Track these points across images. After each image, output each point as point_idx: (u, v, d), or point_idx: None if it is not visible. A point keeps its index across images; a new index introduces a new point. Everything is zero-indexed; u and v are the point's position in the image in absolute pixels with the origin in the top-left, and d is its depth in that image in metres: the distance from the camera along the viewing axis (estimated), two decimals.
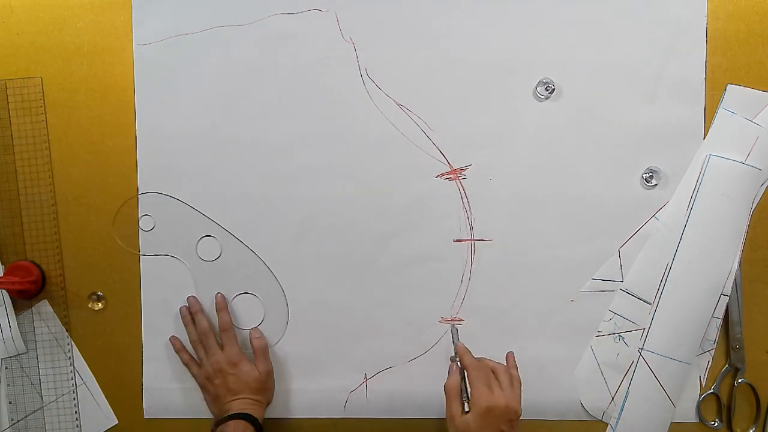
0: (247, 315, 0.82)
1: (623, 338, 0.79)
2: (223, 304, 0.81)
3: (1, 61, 0.82)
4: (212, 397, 0.79)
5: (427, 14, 0.80)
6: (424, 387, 0.81)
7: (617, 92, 0.79)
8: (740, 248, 0.78)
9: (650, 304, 0.79)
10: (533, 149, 0.80)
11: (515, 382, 0.72)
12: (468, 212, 0.81)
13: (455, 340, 0.77)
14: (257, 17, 0.81)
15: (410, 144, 0.81)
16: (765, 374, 0.80)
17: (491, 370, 0.72)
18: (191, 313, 0.81)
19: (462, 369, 0.73)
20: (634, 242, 0.80)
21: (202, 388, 0.80)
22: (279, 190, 0.81)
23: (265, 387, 0.79)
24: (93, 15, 0.82)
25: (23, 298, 0.81)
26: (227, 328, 0.80)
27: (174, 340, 0.82)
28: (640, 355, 0.79)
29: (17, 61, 0.82)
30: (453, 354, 0.76)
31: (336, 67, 0.81)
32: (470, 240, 0.81)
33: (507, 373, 0.72)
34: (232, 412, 0.75)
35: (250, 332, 0.82)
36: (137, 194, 0.82)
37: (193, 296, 0.82)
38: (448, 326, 0.81)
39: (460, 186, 0.81)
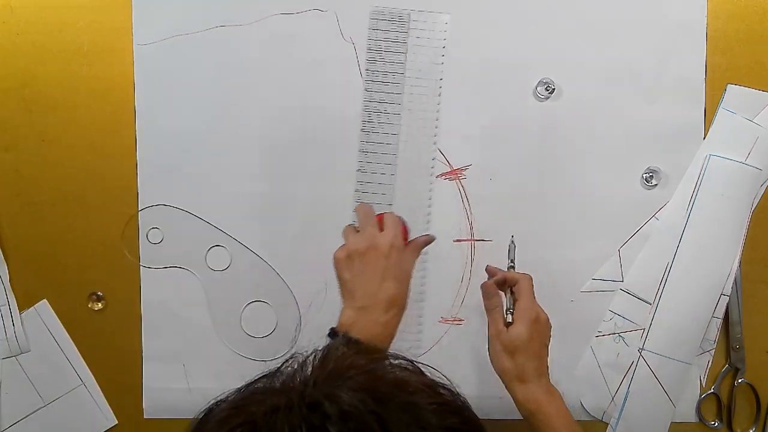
0: (259, 323, 0.82)
1: (623, 338, 0.79)
2: None
3: (1, 61, 0.82)
4: (350, 276, 0.68)
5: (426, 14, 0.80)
6: None
7: (617, 92, 0.79)
8: (740, 248, 0.78)
9: (650, 304, 0.79)
10: (533, 149, 0.80)
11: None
12: (468, 212, 0.81)
13: (511, 256, 0.75)
14: (257, 17, 0.81)
15: (410, 144, 0.81)
16: (765, 374, 0.80)
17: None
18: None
19: (499, 285, 0.70)
20: (634, 242, 0.80)
21: (338, 262, 0.69)
22: (279, 189, 0.81)
23: (408, 287, 0.70)
24: (93, 15, 0.82)
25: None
26: (392, 213, 0.72)
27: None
28: (640, 355, 0.79)
29: (17, 61, 0.82)
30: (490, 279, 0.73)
31: (336, 67, 0.80)
32: (470, 240, 0.81)
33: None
34: (377, 327, 0.65)
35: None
36: (144, 208, 0.82)
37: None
38: (447, 326, 0.81)
39: (460, 186, 0.81)
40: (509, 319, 0.68)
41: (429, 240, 0.75)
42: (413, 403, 0.38)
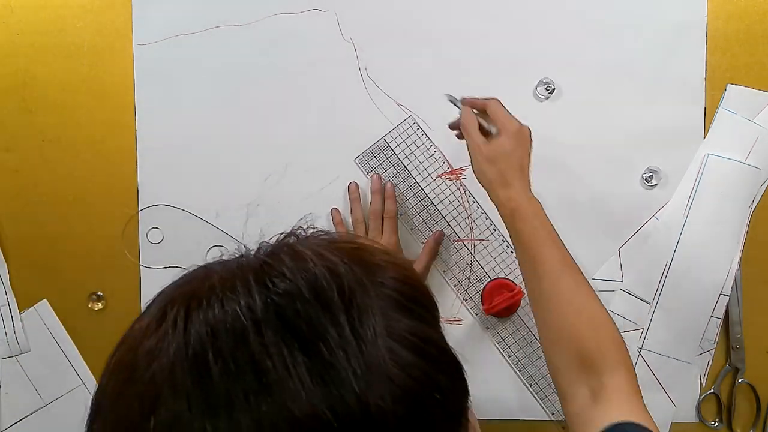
0: None
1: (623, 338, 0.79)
2: (392, 192, 0.79)
3: (1, 61, 0.82)
4: None
5: (427, 14, 0.80)
6: None
7: (617, 92, 0.79)
8: (740, 248, 0.78)
9: (649, 303, 0.79)
10: (533, 149, 0.80)
11: None
12: (468, 212, 0.81)
13: (459, 104, 0.72)
14: (257, 17, 0.81)
15: (410, 144, 0.81)
16: (765, 374, 0.80)
17: None
18: (372, 192, 0.79)
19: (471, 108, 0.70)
20: (634, 242, 0.80)
21: None
22: (279, 189, 0.81)
23: None
24: (93, 15, 0.82)
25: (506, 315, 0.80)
26: (393, 216, 0.79)
27: (334, 213, 0.80)
28: (640, 354, 0.79)
29: (17, 61, 0.82)
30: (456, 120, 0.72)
31: (336, 67, 0.80)
32: (470, 240, 0.81)
33: None
34: None
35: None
36: (144, 208, 0.82)
37: (377, 174, 0.80)
38: (447, 326, 0.81)
39: (460, 186, 0.81)
40: (493, 131, 0.68)
41: (438, 238, 0.80)
42: (370, 261, 0.38)
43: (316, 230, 0.39)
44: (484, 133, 0.68)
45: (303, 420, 0.30)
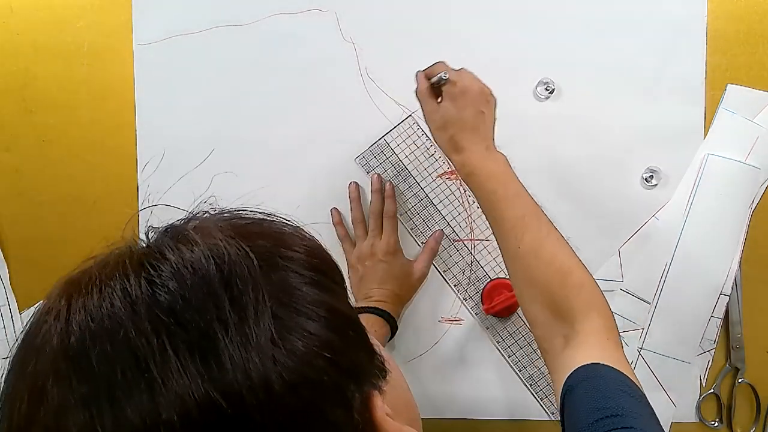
0: None
1: (623, 338, 0.79)
2: (392, 192, 0.79)
3: (1, 61, 0.82)
4: (357, 279, 0.78)
5: (427, 14, 0.80)
6: (424, 387, 0.81)
7: (617, 92, 0.79)
8: (740, 248, 0.78)
9: (649, 303, 0.79)
10: (533, 149, 0.80)
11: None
12: (468, 212, 0.81)
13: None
14: (257, 17, 0.81)
15: (410, 144, 0.81)
16: (765, 374, 0.80)
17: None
18: (372, 191, 0.80)
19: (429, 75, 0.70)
20: (634, 242, 0.80)
21: (350, 267, 0.80)
22: (279, 190, 0.81)
23: (412, 285, 0.79)
24: (93, 15, 0.82)
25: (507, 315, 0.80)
26: (392, 216, 0.79)
27: (334, 212, 0.81)
28: (640, 354, 0.79)
29: (17, 61, 0.82)
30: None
31: (336, 67, 0.80)
32: (470, 240, 0.81)
33: None
34: (371, 303, 0.74)
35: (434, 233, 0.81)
36: (144, 208, 0.82)
37: (377, 174, 0.80)
38: (447, 326, 0.81)
39: (460, 186, 0.81)
40: (441, 77, 0.67)
41: (438, 237, 0.81)
42: (267, 233, 0.38)
43: (217, 211, 0.40)
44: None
45: (183, 394, 0.30)
